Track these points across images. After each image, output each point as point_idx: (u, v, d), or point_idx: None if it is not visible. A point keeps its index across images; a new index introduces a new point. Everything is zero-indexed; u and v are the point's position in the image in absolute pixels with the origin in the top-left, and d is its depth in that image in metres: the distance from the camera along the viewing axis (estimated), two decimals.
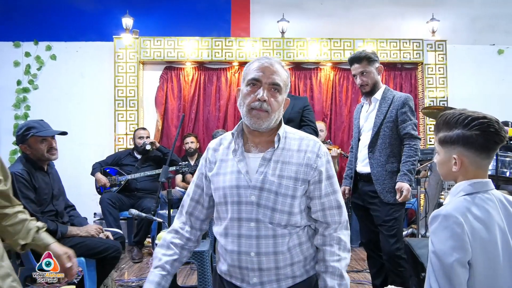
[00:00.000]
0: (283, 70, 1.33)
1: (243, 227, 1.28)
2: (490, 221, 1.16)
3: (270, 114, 1.28)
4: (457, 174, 1.24)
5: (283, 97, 1.33)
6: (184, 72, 5.03)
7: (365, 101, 2.57)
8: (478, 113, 1.20)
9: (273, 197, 1.27)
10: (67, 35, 5.09)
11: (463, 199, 1.19)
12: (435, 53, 5.05)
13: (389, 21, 5.29)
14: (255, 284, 1.28)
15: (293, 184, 1.28)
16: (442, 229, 1.14)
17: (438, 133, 1.28)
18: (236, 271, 1.30)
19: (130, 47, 4.88)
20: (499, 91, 5.09)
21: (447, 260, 1.10)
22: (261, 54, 4.91)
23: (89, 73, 5.05)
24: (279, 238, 1.27)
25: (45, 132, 2.32)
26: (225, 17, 5.32)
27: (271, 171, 1.29)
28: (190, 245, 1.43)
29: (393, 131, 2.39)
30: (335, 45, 4.98)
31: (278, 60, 1.35)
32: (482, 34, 5.30)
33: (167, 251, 1.38)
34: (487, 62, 5.24)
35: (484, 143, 1.18)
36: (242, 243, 1.28)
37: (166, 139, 5.00)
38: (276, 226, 1.27)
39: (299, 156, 1.31)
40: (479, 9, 5.32)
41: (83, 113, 4.98)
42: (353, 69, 2.47)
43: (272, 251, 1.26)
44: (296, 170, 1.29)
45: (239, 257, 1.28)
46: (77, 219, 2.57)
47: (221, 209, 1.34)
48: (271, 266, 1.27)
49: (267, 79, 1.28)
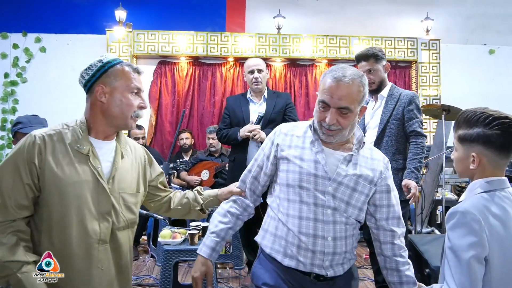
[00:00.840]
0: (354, 86, 1.32)
1: (320, 212, 1.36)
2: (507, 218, 1.17)
3: (341, 131, 1.36)
4: (474, 171, 1.24)
5: (355, 113, 1.36)
6: (178, 67, 4.95)
7: (370, 98, 2.57)
8: (500, 113, 1.21)
9: (350, 192, 1.38)
10: (58, 27, 4.94)
11: (480, 196, 1.20)
12: (429, 51, 5.10)
13: (384, 19, 5.32)
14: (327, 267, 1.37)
15: (368, 185, 1.41)
16: (460, 225, 1.15)
17: (458, 130, 1.28)
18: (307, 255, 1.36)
19: (123, 41, 4.77)
20: (490, 91, 5.18)
21: (464, 256, 1.11)
22: (257, 50, 4.88)
23: (80, 67, 4.64)
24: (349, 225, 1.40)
25: (28, 129, 2.25)
26: (220, 12, 5.25)
27: (351, 170, 1.39)
28: (244, 215, 1.54)
29: (399, 128, 2.40)
30: (331, 42, 4.98)
31: (352, 74, 1.33)
32: (475, 33, 5.39)
33: (223, 219, 1.50)
34: (479, 61, 5.33)
35: (505, 143, 1.18)
36: (319, 227, 1.36)
37: (160, 134, 4.92)
38: (348, 215, 1.39)
39: (373, 163, 1.44)
40: (472, 9, 5.41)
41: (74, 107, 4.76)
42: (360, 67, 2.46)
43: (344, 235, 1.39)
44: (372, 175, 1.42)
45: (314, 241, 1.35)
46: None
47: (291, 191, 1.40)
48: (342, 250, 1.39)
49: (335, 104, 1.32)
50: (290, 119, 2.90)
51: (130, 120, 1.36)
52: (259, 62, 3.02)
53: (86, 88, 1.35)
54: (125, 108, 1.34)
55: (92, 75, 1.33)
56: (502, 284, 1.13)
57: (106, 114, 1.33)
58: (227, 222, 1.49)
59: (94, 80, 1.33)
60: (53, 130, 1.31)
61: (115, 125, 1.37)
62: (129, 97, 1.34)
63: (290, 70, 5.06)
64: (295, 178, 1.38)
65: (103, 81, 1.32)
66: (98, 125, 1.35)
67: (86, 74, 1.34)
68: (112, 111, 1.33)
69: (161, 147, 4.85)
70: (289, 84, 5.02)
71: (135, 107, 1.36)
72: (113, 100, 1.32)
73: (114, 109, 1.33)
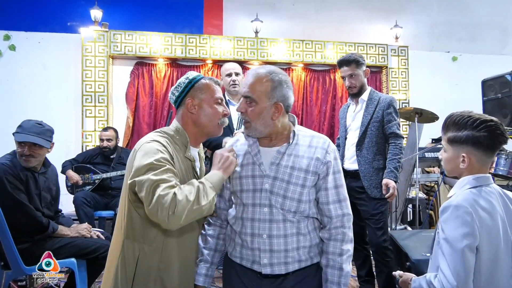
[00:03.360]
0: (259, 78, 1.42)
1: (257, 212, 1.42)
2: (493, 210, 1.30)
3: (251, 124, 1.44)
4: (463, 170, 1.37)
5: (262, 106, 1.41)
6: (156, 68, 4.92)
7: (351, 102, 2.70)
8: (485, 116, 1.34)
9: (285, 185, 1.41)
10: (28, 24, 4.77)
11: (470, 191, 1.33)
12: (398, 57, 5.36)
13: (357, 24, 5.54)
14: (265, 265, 1.41)
15: (303, 175, 1.42)
16: (454, 218, 1.26)
17: (446, 132, 1.40)
18: (248, 253, 1.43)
19: (99, 40, 4.68)
20: (453, 95, 5.50)
21: (459, 246, 1.23)
22: (235, 52, 4.94)
23: (52, 66, 4.77)
24: (288, 223, 1.41)
25: (17, 135, 2.23)
26: (197, 13, 5.27)
27: (284, 162, 1.43)
28: (223, 232, 1.59)
29: (379, 130, 2.54)
30: (307, 46, 5.13)
31: (265, 69, 1.45)
32: (439, 41, 5.72)
33: (206, 244, 1.57)
34: (443, 67, 5.67)
35: (491, 144, 1.32)
36: (256, 226, 1.42)
37: (137, 136, 4.85)
38: (286, 212, 1.41)
39: (310, 151, 1.45)
40: (436, 18, 5.74)
41: (45, 108, 4.69)
42: (342, 72, 2.59)
43: (283, 234, 1.40)
44: (307, 163, 1.43)
45: (252, 239, 1.42)
46: (63, 218, 2.47)
47: (237, 196, 1.49)
48: (280, 248, 1.40)
49: (242, 93, 1.45)
50: None
51: (217, 127, 1.53)
52: (236, 66, 3.13)
53: (176, 103, 1.52)
54: (212, 117, 1.51)
55: (181, 91, 1.50)
56: (490, 270, 1.26)
57: (197, 123, 1.50)
58: (209, 247, 1.56)
59: (183, 95, 1.49)
60: (163, 137, 1.44)
61: (205, 132, 1.54)
62: (214, 107, 1.51)
63: None
64: (236, 184, 1.48)
65: (191, 95, 1.49)
66: (191, 134, 1.51)
67: (176, 91, 1.51)
68: (201, 120, 1.50)
69: None
70: None
71: (220, 115, 1.52)
72: (202, 111, 1.49)
73: (203, 119, 1.50)
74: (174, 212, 1.20)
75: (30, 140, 2.21)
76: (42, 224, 2.18)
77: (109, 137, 3.91)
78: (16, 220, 2.15)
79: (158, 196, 1.21)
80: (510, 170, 2.81)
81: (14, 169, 2.19)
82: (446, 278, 1.24)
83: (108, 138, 3.91)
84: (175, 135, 1.47)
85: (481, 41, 5.82)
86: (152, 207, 1.21)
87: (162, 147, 1.36)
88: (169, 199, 1.21)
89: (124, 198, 1.40)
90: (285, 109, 1.45)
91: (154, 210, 1.21)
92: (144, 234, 1.37)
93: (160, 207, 1.20)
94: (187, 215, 1.24)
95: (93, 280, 2.34)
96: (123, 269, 1.35)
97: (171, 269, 1.40)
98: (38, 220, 2.19)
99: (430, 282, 1.29)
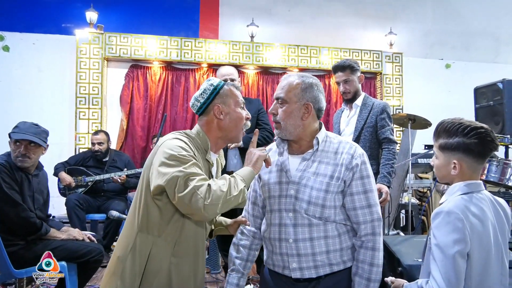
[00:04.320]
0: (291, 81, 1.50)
1: (283, 217, 1.46)
2: (484, 217, 1.31)
3: (281, 124, 1.49)
4: (454, 176, 1.37)
5: (293, 107, 1.47)
6: (151, 71, 4.92)
7: (345, 107, 2.71)
8: (476, 123, 1.35)
9: (308, 191, 1.43)
10: (23, 25, 4.76)
11: (461, 198, 1.33)
12: (393, 64, 5.41)
13: (352, 31, 5.59)
14: (294, 269, 1.43)
15: (327, 180, 1.43)
16: (445, 224, 1.26)
17: (438, 139, 1.41)
18: (278, 258, 1.47)
19: (94, 42, 4.67)
20: (446, 102, 5.55)
21: (450, 252, 1.23)
22: (230, 56, 4.95)
23: (47, 68, 4.75)
24: (314, 227, 1.42)
25: (14, 134, 2.22)
26: (193, 17, 5.28)
27: (309, 169, 1.46)
28: (255, 243, 1.62)
29: (373, 135, 2.55)
30: (302, 52, 5.16)
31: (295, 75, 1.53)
32: (433, 48, 5.79)
33: (238, 254, 1.61)
34: (437, 74, 5.73)
35: (482, 150, 1.33)
36: (282, 231, 1.45)
37: (131, 139, 4.84)
38: (311, 217, 1.43)
39: (336, 157, 1.47)
40: (430, 26, 5.81)
41: (39, 109, 4.67)
42: (336, 77, 2.60)
43: (308, 237, 1.42)
44: (332, 169, 1.45)
45: (279, 244, 1.45)
46: (54, 221, 2.45)
47: (267, 202, 1.54)
48: (308, 252, 1.42)
49: (275, 95, 1.52)
50: (263, 123, 2.98)
51: (241, 132, 1.58)
52: (232, 71, 3.07)
53: (201, 110, 1.53)
54: (239, 122, 1.55)
55: (207, 98, 1.51)
56: (481, 276, 1.26)
57: (223, 129, 1.53)
58: (241, 257, 1.60)
59: (209, 102, 1.51)
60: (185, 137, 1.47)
61: (229, 137, 1.57)
62: (239, 111, 1.55)
63: (263, 78, 5.17)
64: (265, 190, 1.54)
65: (218, 101, 1.52)
66: (213, 139, 1.54)
67: (201, 98, 1.53)
68: (228, 125, 1.53)
69: (132, 151, 4.77)
70: (262, 91, 5.13)
71: (244, 119, 1.56)
72: (229, 116, 1.53)
73: (230, 124, 1.53)
74: (210, 202, 1.26)
75: (28, 138, 2.20)
76: (35, 225, 2.17)
77: (100, 141, 3.88)
78: (10, 220, 2.13)
79: (194, 187, 1.27)
80: (501, 177, 2.84)
81: (10, 169, 2.18)
82: (437, 284, 1.24)
83: (99, 142, 3.87)
84: (197, 138, 1.49)
85: (474, 49, 5.90)
86: (186, 197, 1.26)
87: (186, 145, 1.40)
88: (204, 189, 1.27)
89: (140, 191, 1.41)
90: (316, 112, 1.50)
91: (187, 200, 1.26)
92: (159, 228, 1.38)
93: (195, 197, 1.25)
94: (222, 204, 1.29)
95: (83, 284, 2.31)
96: (132, 262, 1.36)
97: (182, 263, 1.42)
98: (31, 221, 2.17)
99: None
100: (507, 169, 2.82)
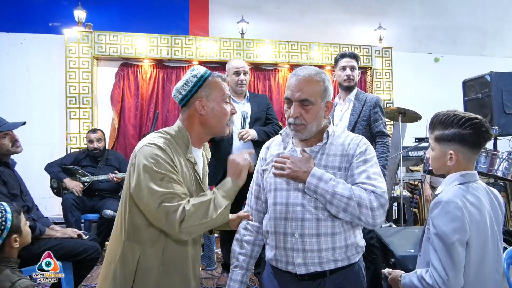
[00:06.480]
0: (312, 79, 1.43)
1: (290, 211, 1.41)
2: (481, 205, 1.34)
3: (306, 126, 1.43)
4: (450, 167, 1.40)
5: (318, 107, 1.43)
6: (141, 69, 4.88)
7: (339, 101, 2.74)
8: (470, 114, 1.38)
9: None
10: (10, 25, 4.68)
11: (458, 187, 1.36)
12: (382, 59, 5.46)
13: (341, 27, 5.62)
14: (299, 264, 1.39)
15: (336, 171, 1.42)
16: (444, 213, 1.29)
17: (433, 131, 1.43)
18: (281, 253, 1.42)
19: (83, 41, 4.62)
20: (436, 95, 5.62)
21: (449, 240, 1.26)
22: (221, 54, 4.94)
23: (35, 67, 4.69)
24: (322, 222, 1.38)
25: (5, 126, 2.20)
26: (183, 15, 5.26)
27: (317, 161, 1.44)
28: (259, 238, 1.57)
29: (366, 129, 2.59)
30: (293, 48, 5.17)
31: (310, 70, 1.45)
32: (422, 43, 5.86)
33: (241, 250, 1.56)
34: (426, 68, 5.80)
35: (477, 141, 1.36)
36: (288, 225, 1.40)
37: (122, 138, 4.81)
38: (319, 212, 1.38)
39: (343, 148, 1.46)
40: (419, 20, 5.87)
41: (28, 109, 4.60)
42: (345, 61, 2.64)
43: (315, 232, 1.38)
44: (339, 160, 1.44)
45: (284, 238, 1.40)
46: (41, 220, 2.42)
47: (271, 195, 1.48)
48: (313, 248, 1.38)
49: (296, 98, 1.42)
50: (272, 118, 3.02)
51: (226, 127, 1.49)
52: (245, 64, 3.01)
53: (183, 102, 1.44)
54: (222, 117, 1.46)
55: (189, 91, 1.42)
56: (478, 264, 1.30)
57: (206, 124, 1.45)
58: (245, 253, 1.55)
59: (191, 95, 1.42)
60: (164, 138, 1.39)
61: (212, 133, 1.50)
62: (223, 106, 1.46)
63: (254, 74, 5.18)
64: (271, 183, 1.49)
65: (200, 95, 1.42)
66: (195, 134, 1.46)
67: (183, 90, 1.43)
68: (211, 121, 1.45)
69: (125, 150, 4.73)
70: (253, 88, 5.13)
71: (229, 114, 1.48)
72: (211, 112, 1.44)
73: (213, 119, 1.45)
74: (185, 225, 1.22)
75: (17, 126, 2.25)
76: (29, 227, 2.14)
77: (99, 137, 3.88)
78: None
79: (167, 211, 1.22)
80: (490, 168, 2.89)
81: None
82: (437, 272, 1.26)
83: (98, 138, 3.87)
84: (177, 136, 1.42)
85: (462, 43, 5.98)
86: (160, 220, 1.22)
87: (163, 152, 1.32)
88: (179, 213, 1.22)
89: (125, 198, 1.37)
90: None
91: (163, 223, 1.22)
92: (146, 236, 1.34)
93: (170, 219, 1.21)
94: (197, 228, 1.26)
95: (79, 283, 2.30)
96: (122, 270, 1.33)
97: (171, 271, 1.39)
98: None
99: (422, 277, 1.31)
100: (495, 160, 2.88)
